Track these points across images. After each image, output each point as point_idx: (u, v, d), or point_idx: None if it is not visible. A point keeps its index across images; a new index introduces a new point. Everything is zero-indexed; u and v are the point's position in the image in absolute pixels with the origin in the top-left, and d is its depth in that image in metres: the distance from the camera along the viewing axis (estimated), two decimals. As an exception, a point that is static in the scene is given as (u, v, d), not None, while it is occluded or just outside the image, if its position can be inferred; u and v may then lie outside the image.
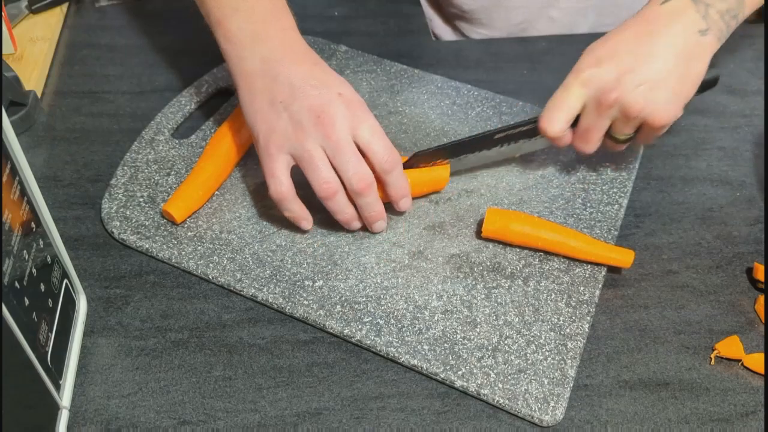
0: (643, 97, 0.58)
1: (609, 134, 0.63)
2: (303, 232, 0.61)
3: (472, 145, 0.65)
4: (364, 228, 0.61)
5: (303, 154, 0.57)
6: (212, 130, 0.69)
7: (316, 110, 0.56)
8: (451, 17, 0.93)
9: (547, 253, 0.61)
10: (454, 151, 0.64)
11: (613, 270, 0.62)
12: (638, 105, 0.58)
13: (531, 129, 0.64)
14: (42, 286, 0.47)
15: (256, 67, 0.59)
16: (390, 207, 0.61)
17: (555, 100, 0.61)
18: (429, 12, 0.94)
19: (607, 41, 0.61)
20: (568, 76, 0.61)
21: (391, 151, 0.58)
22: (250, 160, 0.68)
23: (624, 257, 0.60)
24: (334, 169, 0.57)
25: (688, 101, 0.61)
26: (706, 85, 0.64)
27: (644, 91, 0.58)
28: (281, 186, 0.58)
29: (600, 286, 0.60)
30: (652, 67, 0.58)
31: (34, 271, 0.45)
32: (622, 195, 0.67)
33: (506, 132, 0.64)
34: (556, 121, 0.61)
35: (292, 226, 0.62)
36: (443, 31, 0.95)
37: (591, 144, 0.63)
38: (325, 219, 0.60)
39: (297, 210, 0.59)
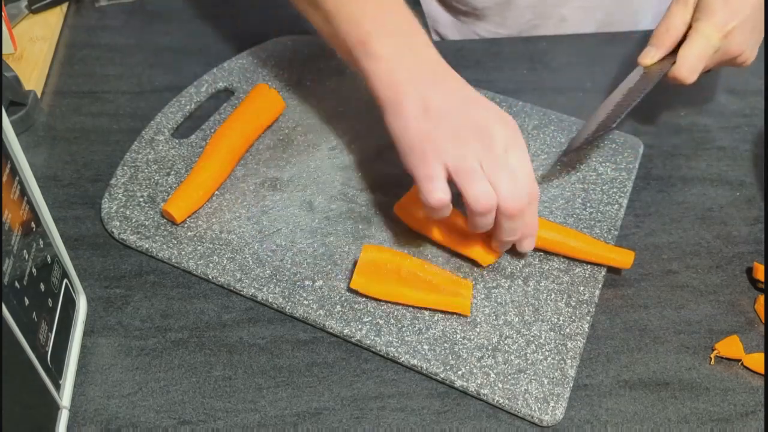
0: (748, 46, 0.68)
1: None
2: (313, 233, 0.61)
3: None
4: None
5: (461, 164, 0.54)
6: (212, 130, 0.69)
7: (479, 124, 0.54)
8: (461, 15, 0.93)
9: (546, 252, 0.61)
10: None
11: (612, 270, 0.62)
12: (741, 56, 0.68)
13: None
14: (42, 286, 0.47)
15: (406, 78, 0.57)
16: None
17: (695, 52, 0.66)
18: (435, 10, 0.94)
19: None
20: (709, 29, 0.66)
21: (534, 184, 0.55)
22: (250, 160, 0.68)
23: (624, 258, 0.60)
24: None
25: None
26: None
27: (744, 40, 0.67)
28: (442, 193, 0.54)
29: (600, 286, 0.60)
30: (742, 16, 0.66)
31: (34, 270, 0.45)
32: (622, 195, 0.67)
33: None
34: (695, 71, 0.67)
35: (292, 226, 0.62)
36: (449, 30, 0.95)
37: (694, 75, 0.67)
38: (324, 218, 0.60)
39: (449, 214, 0.57)
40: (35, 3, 0.82)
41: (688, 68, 0.66)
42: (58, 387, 0.48)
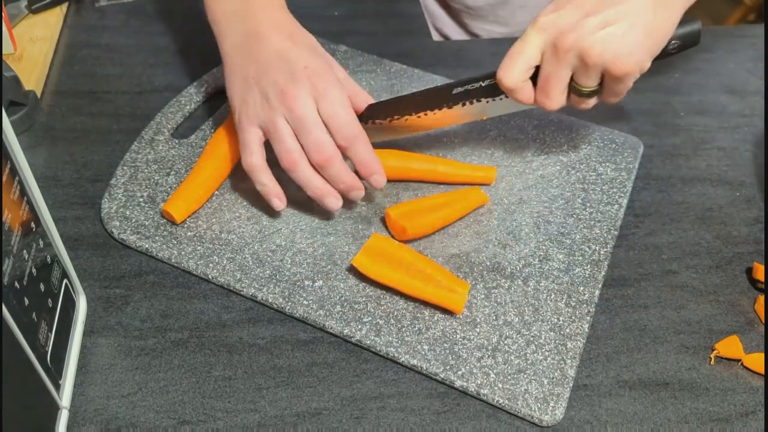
0: (603, 41, 0.54)
1: (573, 88, 0.59)
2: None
3: (430, 100, 0.63)
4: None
5: (269, 126, 0.58)
6: (212, 130, 0.69)
7: (280, 85, 0.58)
8: (457, 13, 0.93)
9: (546, 253, 0.61)
10: (411, 105, 0.63)
11: (612, 270, 0.62)
12: (597, 49, 0.55)
13: (492, 85, 0.61)
14: (42, 286, 0.47)
15: (236, 44, 0.62)
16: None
17: (512, 49, 0.59)
18: (433, 7, 0.94)
19: None
20: (528, 26, 0.58)
21: (350, 125, 0.58)
22: (249, 160, 0.68)
23: (487, 173, 0.66)
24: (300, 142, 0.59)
25: (656, 53, 0.57)
26: (688, 41, 0.60)
27: (604, 35, 0.54)
28: (252, 156, 0.59)
29: (599, 286, 0.60)
30: (614, 9, 0.54)
31: (33, 271, 0.45)
32: (622, 195, 0.67)
33: (465, 86, 0.62)
34: (511, 69, 0.58)
35: (292, 226, 0.62)
36: (449, 28, 0.95)
37: (552, 98, 0.59)
38: (326, 216, 0.60)
39: (268, 183, 0.60)
40: (35, 3, 0.81)
41: (503, 67, 0.59)
42: (57, 387, 0.48)
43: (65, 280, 0.52)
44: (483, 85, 0.62)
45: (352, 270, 0.59)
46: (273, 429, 0.51)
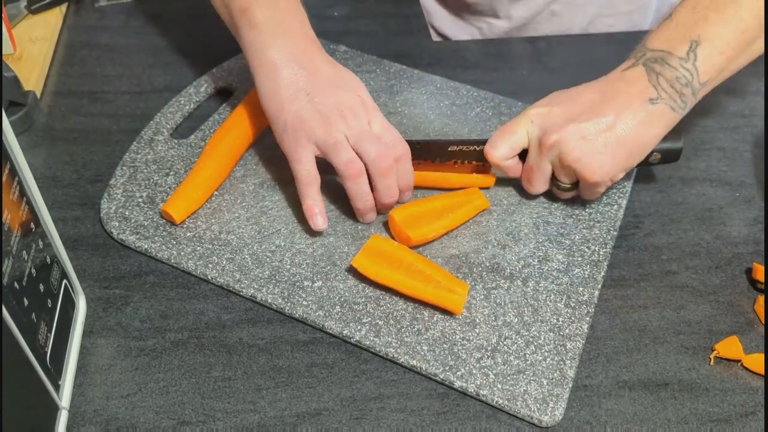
0: (581, 149, 0.59)
1: (553, 180, 0.64)
2: (312, 234, 0.62)
3: (425, 150, 0.65)
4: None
5: (328, 141, 0.59)
6: (211, 130, 0.69)
7: (340, 107, 0.60)
8: (454, 9, 0.93)
9: (546, 253, 0.61)
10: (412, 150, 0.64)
11: (611, 271, 0.62)
12: (573, 154, 0.59)
13: (482, 151, 0.64)
14: (41, 287, 0.47)
15: (281, 57, 0.62)
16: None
17: (503, 127, 0.63)
18: (431, 4, 0.94)
19: (568, 91, 0.63)
20: (523, 110, 0.63)
21: (402, 141, 0.62)
22: (249, 160, 0.68)
23: (486, 180, 0.66)
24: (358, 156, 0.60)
25: (631, 166, 0.61)
26: (668, 157, 0.64)
27: (583, 144, 0.59)
28: (309, 171, 0.60)
29: (599, 286, 0.60)
30: (596, 123, 0.59)
31: (33, 271, 0.45)
32: (622, 195, 0.67)
33: (459, 146, 0.65)
34: (498, 147, 0.63)
35: (291, 227, 0.62)
36: (446, 25, 0.95)
37: (533, 184, 0.64)
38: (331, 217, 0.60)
39: (318, 200, 0.60)
40: (35, 3, 0.81)
41: (491, 143, 0.63)
42: (57, 387, 0.48)
43: (65, 281, 0.52)
44: (477, 149, 0.65)
45: (352, 270, 0.59)
46: (272, 430, 0.51)
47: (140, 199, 0.63)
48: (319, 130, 0.59)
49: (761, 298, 0.60)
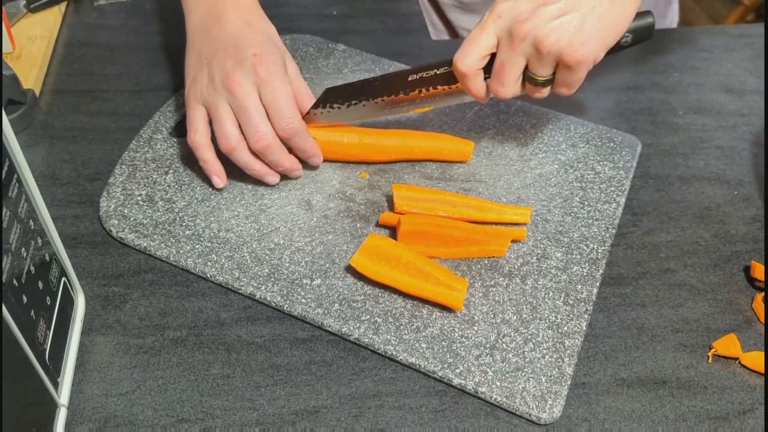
0: (558, 30, 0.55)
1: (527, 76, 0.60)
2: (311, 232, 0.61)
3: (387, 86, 0.63)
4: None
5: (211, 108, 0.61)
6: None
7: (227, 69, 0.60)
8: (451, 8, 0.93)
9: (544, 251, 0.61)
10: (369, 90, 0.63)
11: (610, 268, 0.62)
12: (551, 37, 0.55)
13: (447, 73, 0.62)
14: (40, 284, 0.47)
15: (197, 22, 0.64)
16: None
17: (469, 35, 0.59)
18: (424, 4, 0.94)
19: None
20: (485, 14, 0.59)
21: (290, 118, 0.61)
22: (248, 158, 0.68)
23: (523, 213, 0.63)
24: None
25: (612, 43, 0.58)
26: (641, 34, 0.60)
27: (559, 24, 0.55)
28: (196, 134, 0.62)
29: (597, 284, 0.60)
30: (568, 1, 0.55)
31: (32, 269, 0.45)
32: (620, 193, 0.67)
33: (420, 73, 0.63)
34: (466, 54, 0.59)
35: (290, 225, 0.62)
36: (445, 23, 0.95)
37: (506, 85, 0.59)
38: (327, 215, 0.60)
39: (210, 160, 0.62)
40: (34, 2, 0.82)
41: (459, 53, 0.60)
42: (56, 385, 0.48)
43: (64, 278, 0.52)
44: (438, 72, 0.62)
45: (350, 268, 0.59)
46: (271, 427, 0.51)
47: (139, 198, 0.63)
48: (205, 94, 0.61)
49: (759, 296, 0.60)
